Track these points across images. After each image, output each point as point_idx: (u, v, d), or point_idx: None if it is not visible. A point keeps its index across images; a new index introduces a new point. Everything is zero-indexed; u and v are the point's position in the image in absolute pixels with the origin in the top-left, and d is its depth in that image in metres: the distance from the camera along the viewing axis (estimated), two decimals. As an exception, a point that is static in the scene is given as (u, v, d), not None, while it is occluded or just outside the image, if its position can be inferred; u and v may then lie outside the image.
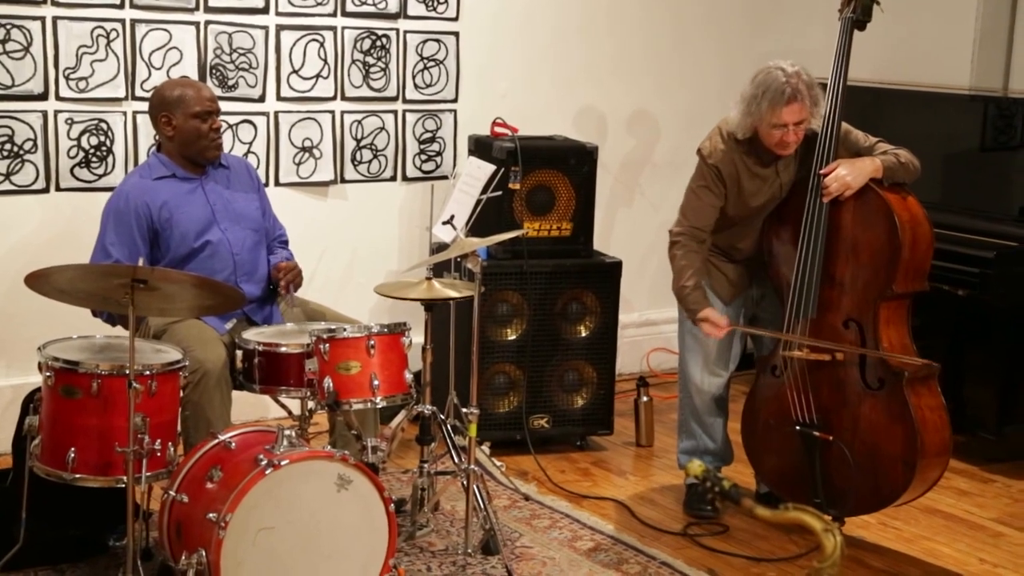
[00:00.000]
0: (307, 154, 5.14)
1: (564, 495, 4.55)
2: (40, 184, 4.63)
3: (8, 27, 4.47)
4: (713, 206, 4.19)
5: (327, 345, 3.65)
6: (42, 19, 4.53)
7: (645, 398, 5.13)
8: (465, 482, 3.93)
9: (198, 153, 4.10)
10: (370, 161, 5.28)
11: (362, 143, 5.25)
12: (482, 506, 3.95)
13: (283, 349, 3.78)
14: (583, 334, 5.01)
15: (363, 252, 5.29)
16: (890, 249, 3.97)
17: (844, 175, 4.01)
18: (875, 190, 4.01)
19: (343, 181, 5.25)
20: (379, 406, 3.76)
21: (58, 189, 4.67)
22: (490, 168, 4.49)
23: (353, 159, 5.25)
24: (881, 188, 4.02)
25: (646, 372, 5.74)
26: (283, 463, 3.26)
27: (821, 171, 4.04)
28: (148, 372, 3.42)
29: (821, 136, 4.08)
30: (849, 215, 4.04)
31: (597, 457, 5.00)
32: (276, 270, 4.18)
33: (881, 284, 4.00)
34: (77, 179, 4.69)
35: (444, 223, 4.21)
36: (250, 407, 4.66)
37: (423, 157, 5.40)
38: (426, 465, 4.06)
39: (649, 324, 6.08)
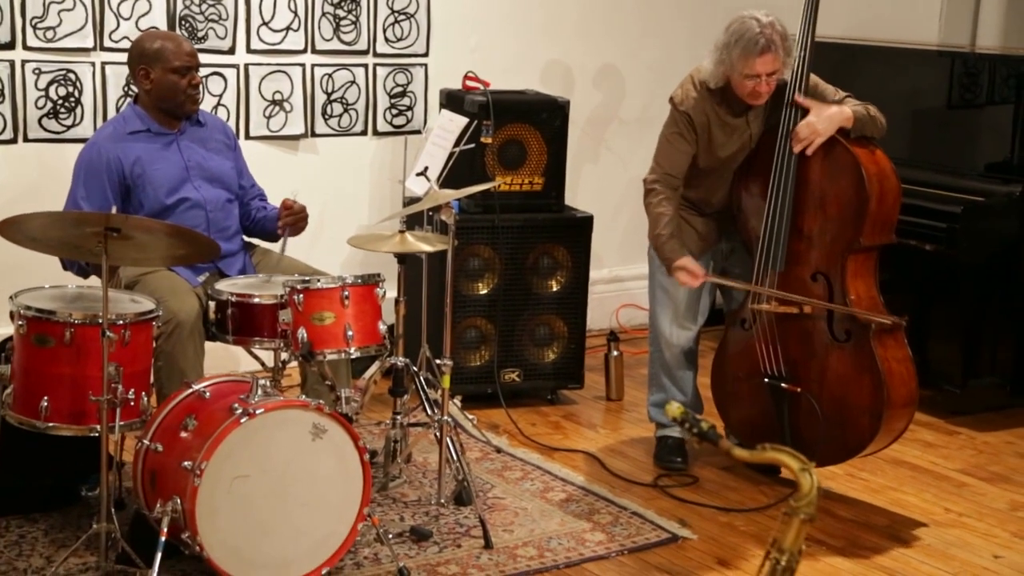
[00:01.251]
0: (277, 107, 5.11)
1: (535, 448, 4.58)
2: (8, 135, 4.59)
3: (-26, -25, 4.43)
4: (685, 153, 4.20)
5: (301, 296, 3.64)
6: (8, -33, 4.49)
7: (615, 352, 5.16)
8: (438, 433, 3.95)
9: (176, 107, 4.07)
10: (341, 115, 5.26)
11: (332, 97, 5.23)
12: (455, 457, 3.97)
13: (256, 300, 3.77)
14: (554, 289, 5.03)
15: (334, 206, 5.28)
16: (857, 202, 4.00)
17: (814, 122, 4.03)
18: (842, 143, 4.03)
19: (313, 135, 5.23)
20: (353, 356, 3.76)
21: (26, 140, 4.63)
22: (463, 121, 4.49)
23: (324, 113, 5.22)
24: (849, 142, 4.04)
25: (615, 328, 5.76)
26: (258, 412, 3.27)
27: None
28: (121, 321, 3.41)
29: (789, 90, 4.10)
30: (817, 168, 4.07)
31: (567, 411, 5.04)
32: (282, 207, 4.15)
33: (849, 237, 4.03)
34: (45, 130, 4.65)
35: (417, 175, 4.20)
36: (220, 361, 4.64)
37: (394, 111, 5.39)
38: (399, 417, 4.08)
39: (618, 280, 6.11)
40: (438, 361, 3.99)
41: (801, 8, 4.17)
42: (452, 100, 4.97)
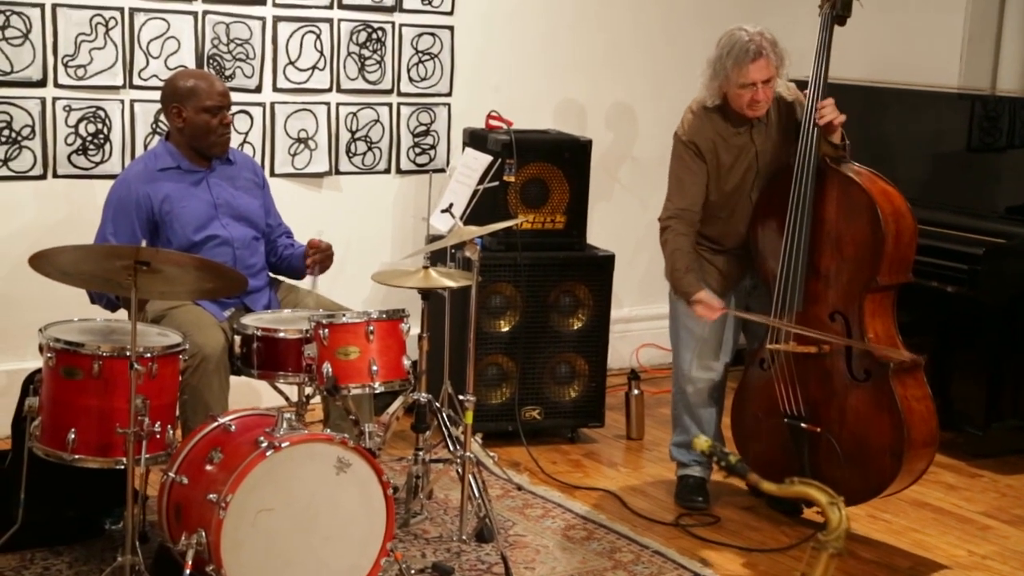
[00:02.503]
0: (302, 145, 5.16)
1: (556, 485, 4.58)
2: (38, 171, 4.64)
3: (8, 14, 4.49)
4: (698, 182, 4.22)
5: (327, 330, 3.67)
6: (41, 6, 4.54)
7: (636, 391, 5.17)
8: (460, 469, 3.96)
9: (206, 147, 4.13)
10: (364, 153, 5.31)
11: (357, 135, 5.28)
12: (477, 494, 3.98)
13: (282, 334, 3.80)
14: (575, 327, 5.04)
15: (357, 244, 5.31)
16: (874, 241, 4.01)
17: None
18: (857, 183, 4.05)
19: (338, 173, 5.28)
20: (378, 391, 3.78)
21: (55, 176, 4.68)
22: (486, 159, 4.53)
23: (348, 151, 5.27)
24: (864, 180, 4.05)
25: (636, 367, 5.76)
26: (284, 445, 3.28)
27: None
28: (149, 354, 3.44)
29: (802, 133, 4.10)
30: (833, 208, 4.09)
31: (588, 449, 5.04)
32: (309, 246, 4.20)
33: (866, 276, 4.04)
34: (74, 166, 4.70)
35: (442, 211, 4.23)
36: (243, 396, 4.66)
37: (417, 150, 5.43)
38: (421, 453, 4.09)
39: (638, 320, 6.12)
40: (461, 397, 4.01)
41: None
42: (475, 139, 5.01)
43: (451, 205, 4.23)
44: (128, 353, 3.32)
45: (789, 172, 4.14)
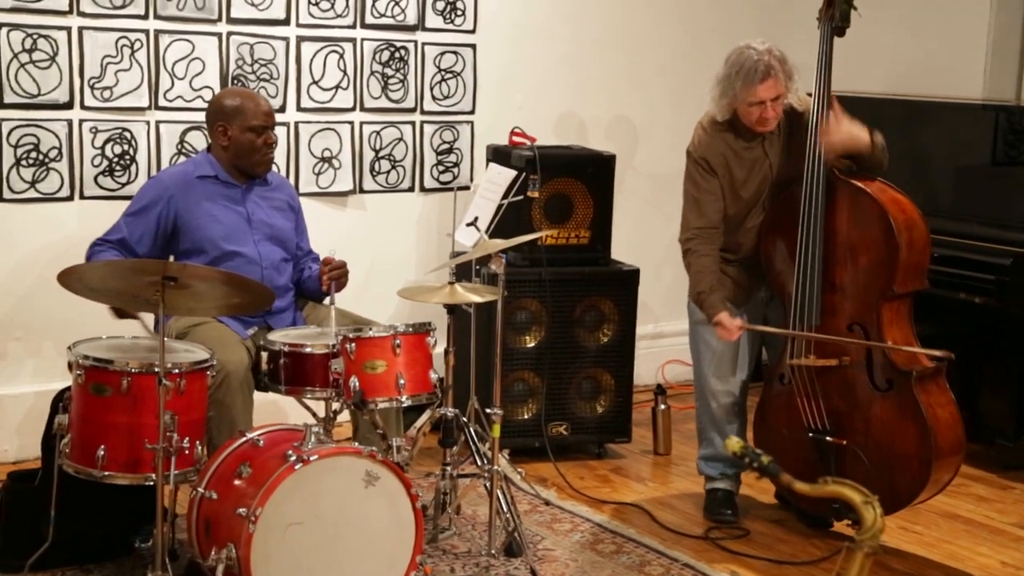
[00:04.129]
0: (326, 164, 5.18)
1: (584, 500, 4.56)
2: (65, 192, 4.68)
3: (35, 36, 4.53)
4: (714, 198, 4.21)
5: (353, 344, 3.67)
6: (68, 29, 4.59)
7: (662, 406, 5.15)
8: (489, 484, 3.95)
9: (250, 166, 4.17)
10: (388, 172, 5.33)
11: (380, 153, 5.30)
12: (505, 508, 3.97)
13: (308, 349, 3.81)
14: (601, 342, 5.04)
15: (381, 262, 5.33)
16: (888, 250, 3.99)
17: (840, 125, 4.04)
18: (868, 193, 4.03)
19: (362, 191, 5.30)
20: (405, 405, 3.78)
21: (82, 197, 4.72)
22: (511, 173, 4.54)
23: (372, 169, 5.29)
24: (873, 190, 4.04)
25: (662, 383, 5.74)
26: (312, 458, 3.29)
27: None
28: (177, 370, 3.45)
29: (808, 146, 4.08)
30: (845, 219, 4.07)
31: (615, 464, 5.02)
32: (323, 263, 4.22)
33: (882, 286, 4.02)
34: (101, 187, 4.74)
35: (467, 225, 4.24)
36: (269, 415, 4.67)
37: (440, 168, 5.45)
38: (448, 468, 4.08)
39: (663, 336, 6.11)
40: (488, 410, 4.00)
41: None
42: (499, 155, 5.03)
43: (476, 219, 4.23)
44: (157, 369, 3.33)
45: (794, 187, 4.13)
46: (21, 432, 4.66)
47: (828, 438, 4.10)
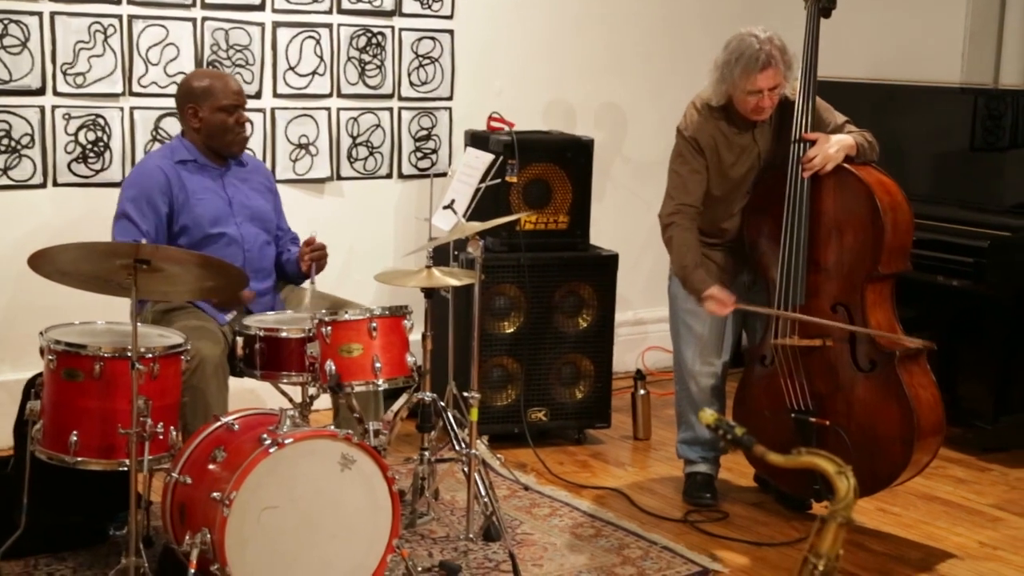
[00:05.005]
0: (303, 151, 5.16)
1: (563, 485, 4.55)
2: (38, 179, 4.64)
3: (6, 22, 4.49)
4: (698, 178, 4.20)
5: (329, 328, 3.65)
6: (39, 14, 4.55)
7: (642, 391, 5.14)
8: (466, 468, 3.93)
9: (224, 146, 4.14)
10: (366, 158, 5.30)
11: (358, 140, 5.27)
12: (483, 492, 3.95)
13: (284, 334, 3.78)
14: (580, 327, 5.02)
15: (359, 249, 5.30)
16: (873, 231, 3.99)
17: (825, 147, 4.03)
18: (854, 174, 4.03)
19: (339, 178, 5.27)
20: (381, 388, 3.76)
21: (56, 184, 4.68)
22: (488, 157, 4.51)
23: (349, 156, 5.26)
24: (858, 171, 4.04)
25: (642, 370, 5.74)
26: (287, 442, 3.26)
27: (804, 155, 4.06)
28: (151, 354, 3.42)
29: (796, 123, 4.09)
30: (830, 200, 4.07)
31: (595, 450, 5.01)
32: (304, 244, 4.19)
33: (867, 266, 4.02)
34: (75, 174, 4.70)
35: (444, 208, 4.22)
36: (245, 403, 4.64)
37: (419, 155, 5.42)
38: (426, 453, 4.07)
39: (643, 323, 6.10)
40: (465, 394, 3.98)
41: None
42: (477, 141, 5.00)
43: (453, 201, 4.21)
44: (129, 353, 3.30)
45: (779, 168, 4.13)
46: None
47: (811, 418, 4.10)
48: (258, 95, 5.00)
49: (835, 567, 2.03)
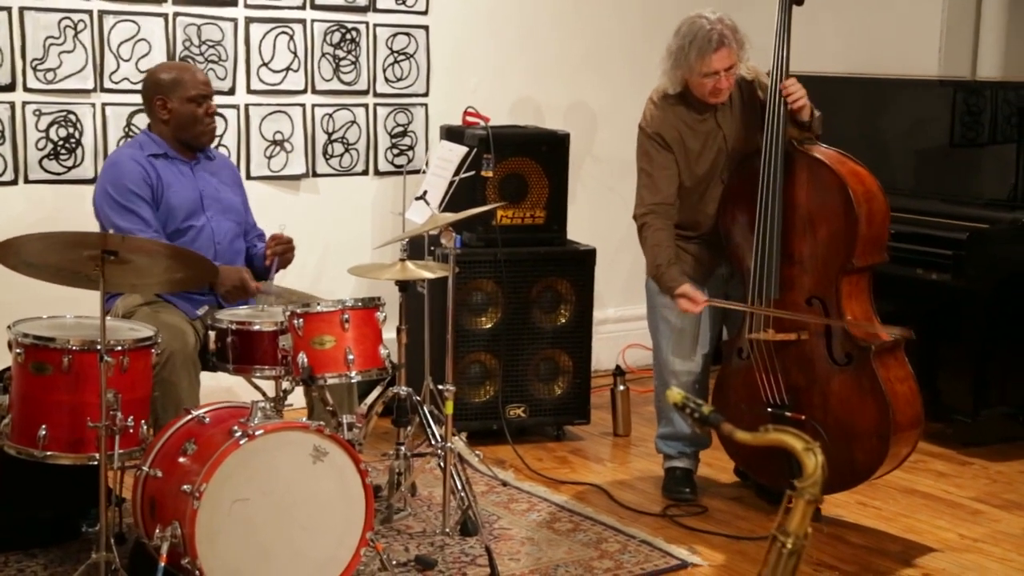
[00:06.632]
0: (278, 147, 5.11)
1: (542, 481, 4.52)
2: (8, 176, 4.58)
3: (-26, 17, 4.45)
4: (669, 173, 4.17)
5: (301, 320, 3.61)
6: (8, 9, 4.49)
7: (622, 387, 5.11)
8: (442, 462, 3.89)
9: (193, 138, 4.10)
10: (342, 155, 5.26)
11: (333, 137, 5.23)
12: (459, 486, 3.91)
13: (256, 327, 3.74)
14: (558, 323, 4.99)
15: (335, 246, 5.25)
16: (847, 223, 3.96)
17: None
18: (827, 165, 4.00)
19: (315, 175, 5.23)
20: (354, 380, 3.73)
21: (27, 181, 4.62)
22: (462, 150, 4.49)
23: (324, 153, 5.22)
24: (832, 162, 4.00)
25: (622, 366, 5.70)
26: (258, 433, 3.22)
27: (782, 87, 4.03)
28: (120, 347, 3.37)
29: (768, 118, 4.05)
30: (804, 192, 4.04)
31: (574, 446, 4.98)
32: (270, 238, 4.16)
33: (841, 259, 3.99)
34: (46, 171, 4.64)
35: (417, 199, 4.18)
36: (217, 398, 4.60)
37: (395, 151, 5.39)
38: (402, 447, 4.03)
39: (623, 320, 6.07)
40: (441, 387, 3.95)
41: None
42: (452, 135, 4.97)
43: (425, 192, 4.17)
44: (98, 346, 3.25)
45: (753, 160, 4.10)
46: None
47: (787, 413, 4.07)
48: (232, 91, 4.96)
49: (803, 545, 2.01)
